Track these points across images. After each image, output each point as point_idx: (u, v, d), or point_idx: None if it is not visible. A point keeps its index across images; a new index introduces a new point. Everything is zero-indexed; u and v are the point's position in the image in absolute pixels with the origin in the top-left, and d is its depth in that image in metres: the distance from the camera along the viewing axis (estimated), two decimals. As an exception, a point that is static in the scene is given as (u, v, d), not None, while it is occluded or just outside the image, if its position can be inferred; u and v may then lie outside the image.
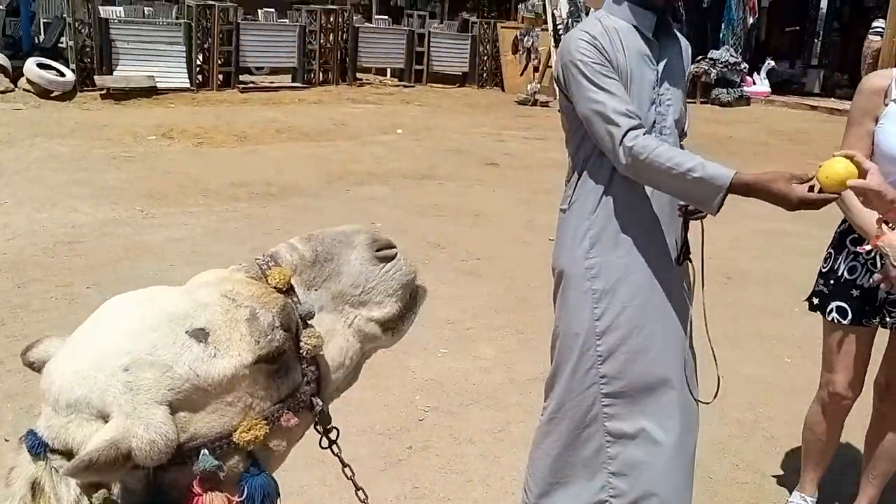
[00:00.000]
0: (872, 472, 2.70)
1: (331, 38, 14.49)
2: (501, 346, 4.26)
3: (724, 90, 14.77)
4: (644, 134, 2.14)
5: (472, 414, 3.58)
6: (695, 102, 15.00)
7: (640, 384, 2.35)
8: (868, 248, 2.40)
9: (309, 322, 1.26)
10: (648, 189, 2.29)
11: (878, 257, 2.42)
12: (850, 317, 2.53)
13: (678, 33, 2.43)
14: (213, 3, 13.03)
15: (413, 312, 1.42)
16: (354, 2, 31.57)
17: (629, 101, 2.18)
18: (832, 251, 2.63)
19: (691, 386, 2.42)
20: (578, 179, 2.35)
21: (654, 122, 2.31)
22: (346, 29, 14.83)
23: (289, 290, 1.26)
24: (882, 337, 2.64)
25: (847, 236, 2.54)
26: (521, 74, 14.71)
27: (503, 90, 15.62)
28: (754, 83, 15.26)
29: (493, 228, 6.45)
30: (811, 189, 1.92)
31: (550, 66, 14.73)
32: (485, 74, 16.29)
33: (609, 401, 2.37)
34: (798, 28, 15.81)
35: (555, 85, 2.62)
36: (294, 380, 1.22)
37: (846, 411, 2.68)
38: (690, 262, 2.46)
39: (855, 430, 2.94)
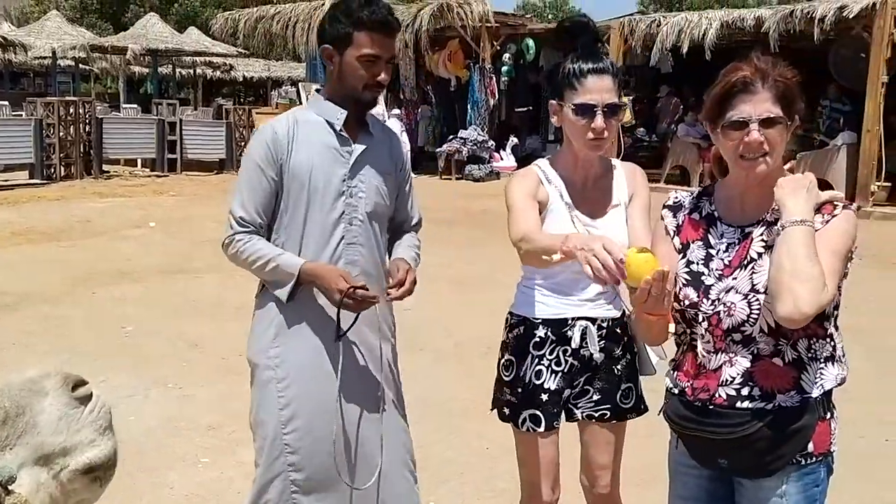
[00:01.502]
0: None
1: (72, 130, 13.66)
2: (268, 447, 4.10)
3: (476, 166, 15.71)
4: (252, 233, 2.44)
5: (238, 525, 3.40)
6: (451, 179, 15.78)
7: (322, 475, 2.46)
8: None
9: (10, 488, 1.14)
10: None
11: (560, 355, 2.43)
12: (543, 423, 2.43)
13: (394, 128, 2.62)
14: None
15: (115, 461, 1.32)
16: (100, 91, 30.23)
17: (258, 204, 2.44)
18: (512, 358, 2.48)
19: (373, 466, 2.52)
20: None
21: (343, 212, 2.48)
22: (88, 120, 14.06)
23: None
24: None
25: (529, 341, 2.45)
26: (280, 159, 14.71)
27: (263, 175, 15.48)
28: (502, 158, 16.35)
29: (256, 321, 6.28)
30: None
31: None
32: (243, 160, 16.09)
33: (296, 487, 2.47)
34: (531, 108, 17.18)
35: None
36: None
37: None
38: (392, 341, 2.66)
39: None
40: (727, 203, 1.97)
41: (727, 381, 1.89)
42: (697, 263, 1.95)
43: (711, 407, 1.91)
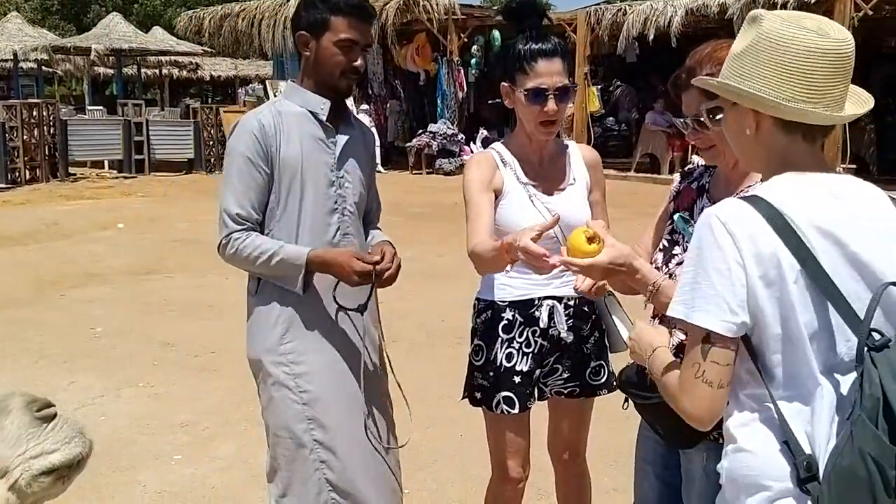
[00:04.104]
0: None
1: (36, 133, 13.47)
2: (241, 442, 4.08)
3: (446, 160, 15.71)
4: (249, 230, 2.32)
5: (213, 521, 3.39)
6: (421, 173, 15.77)
7: (352, 461, 2.40)
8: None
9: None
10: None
11: (530, 336, 2.43)
12: (517, 405, 2.43)
13: (360, 119, 2.61)
14: None
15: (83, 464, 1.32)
16: (65, 93, 29.82)
17: (252, 199, 2.33)
18: (482, 343, 2.49)
19: (388, 440, 2.53)
20: None
21: (336, 202, 2.43)
22: (52, 122, 13.87)
23: None
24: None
25: (497, 324, 2.45)
26: (250, 157, 14.61)
27: (233, 174, 15.37)
28: (472, 151, 16.36)
29: (228, 319, 6.21)
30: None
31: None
32: (213, 159, 15.97)
33: (331, 486, 2.38)
34: (500, 100, 17.22)
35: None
36: None
37: (523, 490, 2.60)
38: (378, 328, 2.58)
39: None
40: (716, 179, 1.99)
41: None
42: (679, 233, 1.97)
43: (645, 372, 1.94)
